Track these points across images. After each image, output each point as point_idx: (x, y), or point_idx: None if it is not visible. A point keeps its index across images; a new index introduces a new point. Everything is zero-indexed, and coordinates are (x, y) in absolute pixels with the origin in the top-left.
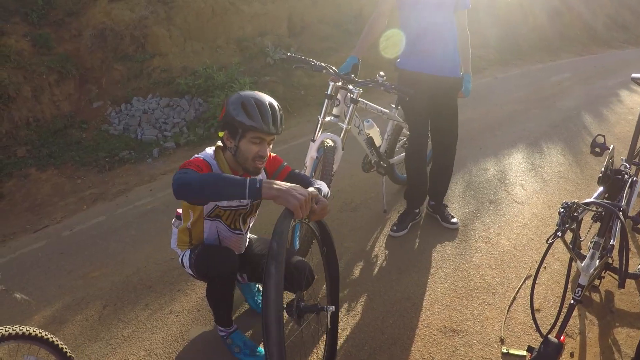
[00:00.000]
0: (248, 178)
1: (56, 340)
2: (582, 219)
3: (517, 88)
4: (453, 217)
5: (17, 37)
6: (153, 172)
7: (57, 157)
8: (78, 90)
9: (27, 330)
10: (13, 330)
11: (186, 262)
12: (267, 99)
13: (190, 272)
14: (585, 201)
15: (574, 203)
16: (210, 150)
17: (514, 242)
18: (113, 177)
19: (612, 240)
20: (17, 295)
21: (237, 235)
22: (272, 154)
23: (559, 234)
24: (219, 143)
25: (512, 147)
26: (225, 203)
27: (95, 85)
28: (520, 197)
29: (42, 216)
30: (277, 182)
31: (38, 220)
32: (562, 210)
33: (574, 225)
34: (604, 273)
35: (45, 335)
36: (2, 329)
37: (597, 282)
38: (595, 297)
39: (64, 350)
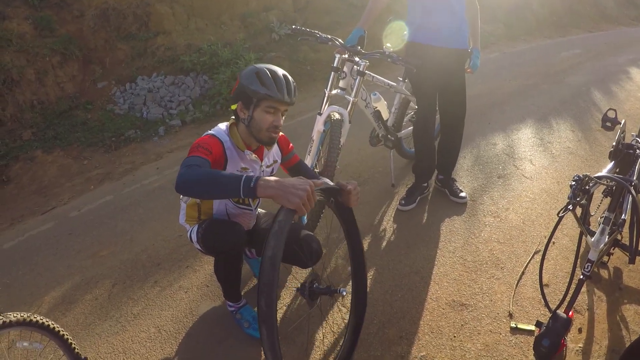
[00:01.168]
0: (244, 176)
1: (52, 324)
2: (592, 193)
3: (526, 63)
4: (462, 191)
5: (18, 21)
6: (159, 150)
7: (62, 139)
8: (82, 71)
9: (21, 317)
10: (7, 318)
11: (194, 237)
12: (281, 70)
13: (198, 247)
14: (597, 175)
15: (585, 176)
16: (223, 125)
17: (523, 217)
18: (119, 157)
19: (623, 215)
20: None
21: (246, 211)
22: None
23: (570, 207)
24: (233, 118)
25: (521, 122)
26: (233, 169)
27: (99, 66)
28: (528, 172)
29: (49, 198)
30: (274, 179)
31: (45, 202)
32: (573, 183)
33: (585, 199)
34: (613, 249)
35: (40, 319)
36: None
37: (605, 258)
38: (604, 273)
39: (61, 333)
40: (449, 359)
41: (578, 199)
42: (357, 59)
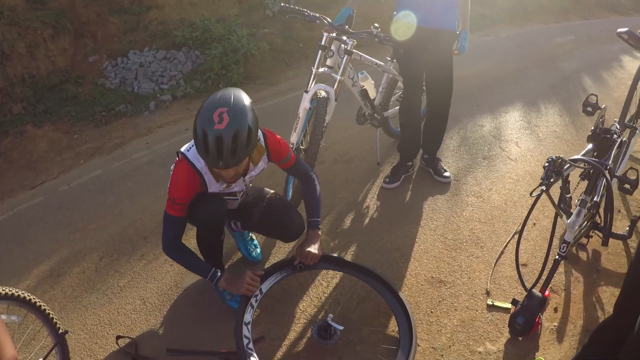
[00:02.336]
0: (212, 270)
1: (29, 296)
2: (568, 175)
3: (520, 47)
4: (446, 170)
5: None
6: (149, 125)
7: (53, 113)
8: (73, 45)
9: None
10: None
11: None
12: (221, 130)
13: None
14: (572, 157)
15: (558, 158)
16: None
17: (505, 198)
18: (109, 131)
19: (596, 197)
20: None
21: (233, 199)
22: (280, 139)
23: (544, 187)
24: None
25: (510, 105)
26: (216, 190)
27: (90, 40)
28: (514, 154)
29: (39, 172)
30: (229, 279)
31: (35, 176)
32: (547, 164)
33: (560, 181)
34: (592, 232)
35: (17, 292)
36: None
37: (584, 241)
38: (583, 255)
39: (39, 305)
40: (426, 333)
41: (551, 180)
42: (344, 38)
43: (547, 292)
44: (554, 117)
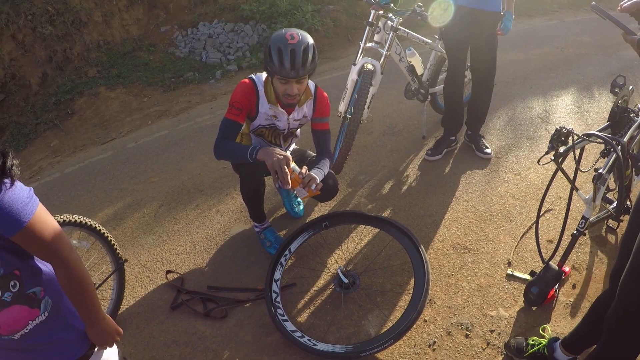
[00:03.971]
0: (249, 149)
1: (98, 226)
2: (583, 150)
3: (583, 33)
4: (487, 147)
5: None
6: (214, 92)
7: (125, 77)
8: (147, 15)
9: (73, 218)
10: (62, 217)
11: None
12: (294, 44)
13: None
14: (585, 132)
15: (563, 128)
16: (264, 75)
17: (543, 178)
18: (177, 96)
19: (601, 170)
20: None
21: (277, 148)
22: (327, 99)
23: (552, 157)
24: None
25: (563, 89)
26: (265, 122)
27: (163, 11)
28: None
29: (109, 130)
30: (265, 150)
31: (106, 134)
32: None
33: (574, 155)
34: (623, 216)
35: (89, 221)
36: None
37: (614, 224)
38: (611, 238)
39: (106, 235)
40: (443, 293)
41: (561, 151)
42: (390, 15)
43: (567, 268)
44: (606, 103)
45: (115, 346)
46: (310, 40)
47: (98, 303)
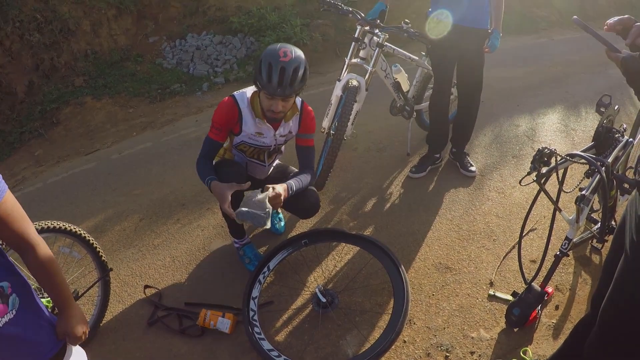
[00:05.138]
0: (207, 177)
1: (88, 236)
2: (566, 170)
3: (572, 51)
4: (472, 165)
5: None
6: (201, 105)
7: (111, 88)
8: (135, 25)
9: (64, 226)
10: (51, 224)
11: None
12: (285, 62)
13: None
14: (569, 153)
15: (546, 149)
16: (250, 91)
17: (527, 197)
18: (163, 108)
19: (585, 191)
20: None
21: (260, 165)
22: (313, 115)
23: (534, 178)
24: None
25: (550, 107)
26: (249, 140)
27: (152, 21)
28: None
29: (94, 141)
30: (218, 186)
31: (91, 144)
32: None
33: (554, 173)
34: (607, 237)
35: (79, 231)
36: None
37: (599, 245)
38: (596, 258)
39: (91, 242)
40: (423, 313)
41: (544, 172)
42: (376, 31)
43: (550, 289)
44: (593, 122)
45: (83, 351)
46: (302, 59)
47: (67, 286)
